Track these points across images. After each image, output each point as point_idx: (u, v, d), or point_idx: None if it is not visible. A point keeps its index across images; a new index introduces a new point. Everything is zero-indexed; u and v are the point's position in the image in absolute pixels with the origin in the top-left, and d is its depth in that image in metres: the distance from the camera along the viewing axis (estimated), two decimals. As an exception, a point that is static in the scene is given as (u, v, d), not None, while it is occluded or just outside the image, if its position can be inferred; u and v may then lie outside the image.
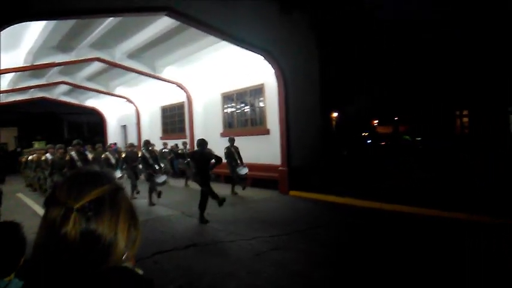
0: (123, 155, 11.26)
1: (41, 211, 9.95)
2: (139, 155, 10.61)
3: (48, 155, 10.44)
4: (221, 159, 8.30)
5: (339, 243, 6.16)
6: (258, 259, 5.48)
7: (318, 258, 5.44)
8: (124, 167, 10.86)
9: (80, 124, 44.72)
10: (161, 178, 9.91)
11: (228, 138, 11.48)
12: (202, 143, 8.03)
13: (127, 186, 10.57)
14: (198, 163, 8.06)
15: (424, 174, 11.59)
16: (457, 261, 4.99)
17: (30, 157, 13.54)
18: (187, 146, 14.67)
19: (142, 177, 11.07)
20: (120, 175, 10.56)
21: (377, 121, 24.61)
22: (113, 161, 10.96)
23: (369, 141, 22.73)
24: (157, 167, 10.16)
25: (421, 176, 11.31)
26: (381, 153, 18.41)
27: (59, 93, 23.09)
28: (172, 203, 10.05)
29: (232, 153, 10.91)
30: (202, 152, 7.94)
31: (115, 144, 22.71)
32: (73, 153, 9.21)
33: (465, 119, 17.65)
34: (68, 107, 28.07)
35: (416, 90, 17.61)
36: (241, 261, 5.43)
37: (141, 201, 10.11)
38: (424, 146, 18.43)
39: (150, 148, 10.47)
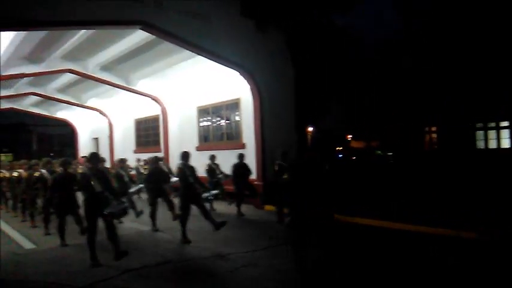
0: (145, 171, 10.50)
1: (5, 227, 9.50)
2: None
3: (44, 171, 8.64)
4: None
5: (312, 259, 6.18)
6: (231, 276, 5.42)
7: (290, 275, 5.43)
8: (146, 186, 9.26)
9: (50, 136, 43.40)
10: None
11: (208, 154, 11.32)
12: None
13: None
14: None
15: (393, 188, 11.86)
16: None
17: (15, 173, 10.91)
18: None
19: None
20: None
21: (350, 136, 25.14)
22: (127, 178, 9.90)
23: (340, 156, 23.07)
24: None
25: (390, 190, 11.57)
26: (352, 168, 18.71)
27: (28, 104, 22.40)
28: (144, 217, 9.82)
29: (214, 169, 10.77)
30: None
31: (85, 157, 22.15)
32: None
33: (434, 135, 18.30)
34: (37, 119, 27.34)
35: (389, 106, 18.16)
36: (215, 278, 5.36)
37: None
38: (395, 161, 18.92)
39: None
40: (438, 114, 16.45)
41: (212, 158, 10.88)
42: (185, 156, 7.68)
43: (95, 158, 6.36)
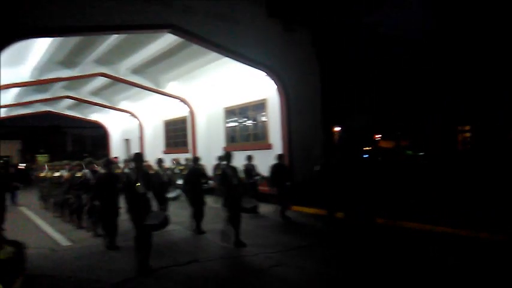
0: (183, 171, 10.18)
1: (43, 225, 9.94)
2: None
3: (86, 171, 8.46)
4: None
5: (341, 260, 6.12)
6: (260, 276, 5.45)
7: (318, 276, 5.41)
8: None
9: (84, 137, 44.99)
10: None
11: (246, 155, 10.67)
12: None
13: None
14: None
15: (425, 190, 11.52)
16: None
17: (56, 173, 11.01)
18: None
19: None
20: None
21: (379, 136, 24.60)
22: (165, 179, 9.86)
23: (365, 156, 22.39)
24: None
25: (422, 192, 11.25)
26: (379, 169, 18.22)
27: (63, 107, 23.32)
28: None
29: (250, 170, 10.27)
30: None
31: (117, 158, 22.80)
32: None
33: (467, 134, 17.65)
34: (72, 121, 28.39)
35: (419, 104, 17.67)
36: (244, 278, 5.41)
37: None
38: (427, 161, 18.36)
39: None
40: (472, 113, 15.86)
41: (249, 158, 10.22)
42: (227, 156, 7.29)
43: (139, 158, 5.98)
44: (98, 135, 35.79)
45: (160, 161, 11.64)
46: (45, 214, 11.59)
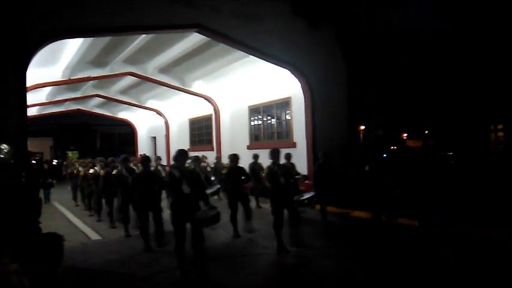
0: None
1: (74, 219, 10.31)
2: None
3: (122, 169, 8.13)
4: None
5: (367, 261, 6.07)
6: (285, 274, 5.48)
7: (344, 277, 5.38)
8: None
9: (112, 135, 46.15)
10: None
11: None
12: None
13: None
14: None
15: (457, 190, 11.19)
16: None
17: (91, 170, 10.46)
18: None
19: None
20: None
21: (406, 135, 24.06)
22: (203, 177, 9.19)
23: (384, 156, 21.60)
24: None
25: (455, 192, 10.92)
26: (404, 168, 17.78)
27: (92, 106, 24.01)
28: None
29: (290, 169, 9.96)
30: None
31: (144, 154, 23.30)
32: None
33: (500, 134, 17.03)
34: (101, 119, 29.16)
35: (448, 103, 17.18)
36: (268, 276, 5.45)
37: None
38: (457, 161, 17.83)
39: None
40: (504, 111, 15.28)
41: (288, 156, 9.57)
42: (275, 153, 6.70)
43: (182, 156, 5.43)
44: (126, 132, 36.61)
45: (197, 159, 11.46)
46: (78, 211, 11.62)
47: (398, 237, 7.27)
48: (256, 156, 10.71)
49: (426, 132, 23.21)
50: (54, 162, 21.38)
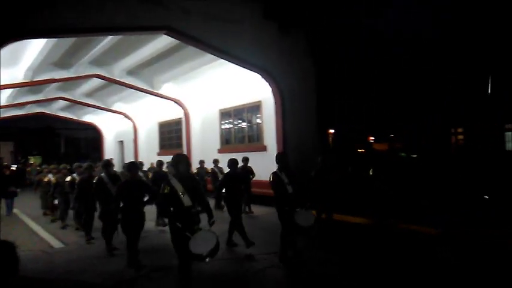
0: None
1: (37, 228, 9.84)
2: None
3: (103, 175, 7.18)
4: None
5: (334, 262, 6.15)
6: (255, 278, 5.46)
7: (313, 278, 5.43)
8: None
9: (77, 139, 44.68)
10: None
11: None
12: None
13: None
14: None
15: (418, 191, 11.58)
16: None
17: (68, 178, 9.53)
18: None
19: None
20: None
21: (373, 138, 24.73)
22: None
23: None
24: None
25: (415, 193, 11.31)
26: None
27: (56, 109, 23.18)
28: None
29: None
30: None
31: (111, 159, 22.68)
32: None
33: (460, 137, 17.83)
34: (65, 122, 28.19)
35: (413, 106, 17.81)
36: (239, 280, 5.41)
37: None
38: (420, 163, 18.48)
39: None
40: (464, 115, 16.02)
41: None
42: (283, 158, 6.16)
43: (181, 161, 4.72)
44: (92, 137, 35.52)
45: (201, 163, 10.81)
46: (42, 220, 10.97)
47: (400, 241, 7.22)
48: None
49: (392, 135, 23.94)
50: (13, 167, 20.32)
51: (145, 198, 5.96)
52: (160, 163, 10.41)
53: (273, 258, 6.20)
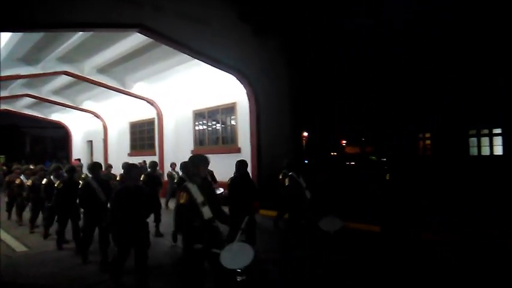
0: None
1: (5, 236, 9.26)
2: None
3: (89, 176, 6.36)
4: None
5: (304, 266, 6.17)
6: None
7: (284, 282, 5.43)
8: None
9: (44, 138, 43.10)
10: None
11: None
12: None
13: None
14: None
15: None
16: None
17: (44, 180, 7.96)
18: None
19: None
20: None
21: (345, 141, 25.24)
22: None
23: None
24: None
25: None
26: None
27: (22, 106, 22.28)
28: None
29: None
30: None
31: (79, 160, 21.99)
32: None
33: (428, 142, 18.43)
34: (31, 120, 27.11)
35: (384, 111, 18.26)
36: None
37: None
38: (388, 167, 18.96)
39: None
40: (432, 121, 16.56)
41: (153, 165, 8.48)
42: (294, 164, 5.57)
43: (202, 163, 3.91)
44: (59, 136, 34.34)
45: (173, 165, 10.26)
46: (6, 223, 10.19)
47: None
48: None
49: (363, 139, 24.49)
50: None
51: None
52: (154, 164, 8.81)
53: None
